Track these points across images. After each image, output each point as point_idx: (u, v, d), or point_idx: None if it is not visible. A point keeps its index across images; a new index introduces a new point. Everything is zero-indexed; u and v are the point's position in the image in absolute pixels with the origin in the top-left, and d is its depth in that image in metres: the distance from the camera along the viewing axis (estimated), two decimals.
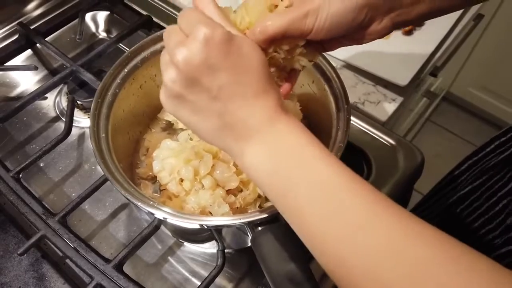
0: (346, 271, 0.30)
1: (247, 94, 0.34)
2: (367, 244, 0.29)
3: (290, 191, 0.33)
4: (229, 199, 0.52)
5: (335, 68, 0.54)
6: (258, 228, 0.42)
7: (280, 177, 0.33)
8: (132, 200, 0.44)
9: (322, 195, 0.32)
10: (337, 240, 0.30)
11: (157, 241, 0.62)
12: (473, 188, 0.58)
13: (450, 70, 1.60)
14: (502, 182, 0.52)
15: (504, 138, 0.58)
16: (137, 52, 0.55)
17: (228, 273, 0.59)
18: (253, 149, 0.34)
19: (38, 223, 0.56)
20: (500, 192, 0.52)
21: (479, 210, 0.55)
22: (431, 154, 0.81)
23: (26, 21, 0.83)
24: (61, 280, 0.57)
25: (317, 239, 0.32)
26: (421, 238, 0.28)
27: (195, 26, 0.32)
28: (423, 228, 0.29)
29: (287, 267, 0.39)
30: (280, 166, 0.33)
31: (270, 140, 0.34)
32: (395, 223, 0.29)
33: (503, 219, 0.51)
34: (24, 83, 0.80)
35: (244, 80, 0.34)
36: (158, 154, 0.55)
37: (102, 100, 0.52)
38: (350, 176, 0.32)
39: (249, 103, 0.34)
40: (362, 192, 0.31)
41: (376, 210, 0.30)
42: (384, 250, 0.28)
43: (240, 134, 0.35)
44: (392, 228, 0.29)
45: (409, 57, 0.73)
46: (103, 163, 0.47)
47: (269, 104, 0.35)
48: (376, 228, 0.29)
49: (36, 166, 0.68)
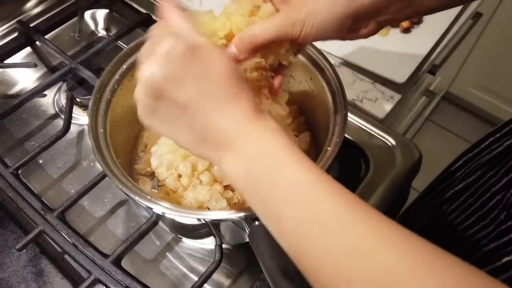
0: (318, 273, 0.30)
1: (215, 102, 0.34)
2: (335, 246, 0.29)
3: (266, 195, 0.33)
4: (226, 195, 0.52)
5: (333, 65, 0.54)
6: (255, 222, 0.42)
7: (255, 183, 0.33)
8: (130, 194, 0.45)
9: (295, 198, 0.31)
10: (310, 245, 0.30)
11: (155, 237, 0.62)
12: (467, 184, 0.58)
13: (450, 69, 1.60)
14: (496, 178, 0.52)
15: (499, 134, 0.58)
16: (136, 49, 0.56)
17: (226, 269, 0.59)
18: (228, 157, 0.34)
19: (36, 219, 0.56)
20: (494, 187, 0.52)
21: (473, 206, 0.55)
22: (430, 153, 0.81)
23: (25, 19, 0.83)
24: (60, 275, 0.57)
25: (293, 244, 0.32)
26: (390, 242, 0.28)
27: (158, 41, 0.33)
28: (394, 232, 0.29)
29: (283, 261, 0.39)
30: (254, 173, 0.33)
31: (243, 147, 0.34)
32: (365, 226, 0.29)
33: (497, 214, 0.51)
34: (23, 80, 0.80)
35: (210, 89, 0.34)
36: (156, 149, 0.55)
37: (100, 96, 0.52)
38: (323, 179, 0.32)
39: (219, 111, 0.34)
40: (336, 194, 0.31)
41: (348, 213, 0.30)
42: (352, 252, 0.28)
43: (215, 143, 0.35)
44: (362, 232, 0.29)
45: (407, 55, 0.74)
46: (101, 158, 0.47)
47: (240, 109, 0.34)
48: (345, 230, 0.29)
49: (35, 162, 0.68)
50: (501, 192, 0.51)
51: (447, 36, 0.78)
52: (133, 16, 0.84)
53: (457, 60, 1.58)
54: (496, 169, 0.53)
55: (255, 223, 0.42)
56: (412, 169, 0.63)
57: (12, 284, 0.56)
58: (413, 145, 0.64)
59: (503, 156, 0.54)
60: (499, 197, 0.51)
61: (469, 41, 1.49)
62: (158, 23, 0.38)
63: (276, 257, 0.40)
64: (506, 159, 0.52)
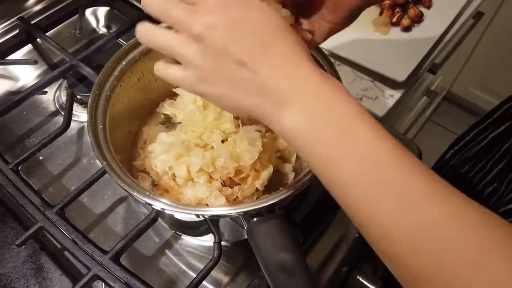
0: (390, 244, 0.30)
1: (279, 56, 0.32)
2: (410, 220, 0.28)
3: (335, 161, 0.31)
4: (225, 192, 0.52)
5: (331, 61, 0.54)
6: (254, 219, 0.42)
7: (324, 147, 0.31)
8: (128, 190, 0.45)
9: (369, 167, 0.30)
10: (381, 215, 0.30)
11: (154, 234, 0.62)
12: (458, 177, 0.58)
13: (451, 69, 1.60)
14: (485, 170, 0.52)
15: (482, 126, 0.58)
16: (136, 45, 0.56)
17: (225, 266, 0.59)
18: (294, 116, 0.32)
19: (36, 215, 0.56)
20: (484, 180, 0.52)
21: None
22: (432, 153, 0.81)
23: (26, 16, 0.83)
24: (59, 271, 0.57)
25: (361, 212, 0.31)
26: (466, 219, 0.28)
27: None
28: (468, 209, 0.28)
29: (280, 257, 0.39)
30: (325, 136, 0.31)
31: (313, 106, 0.31)
32: (441, 202, 0.29)
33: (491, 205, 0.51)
34: (24, 77, 0.81)
35: (269, 40, 0.31)
36: (152, 149, 0.56)
37: (100, 92, 0.52)
38: (399, 150, 0.31)
39: (281, 64, 0.31)
40: (411, 167, 0.30)
41: (423, 187, 0.29)
42: (427, 228, 0.28)
43: (278, 99, 0.32)
44: (437, 208, 0.28)
45: (407, 53, 0.74)
46: (100, 154, 0.47)
47: (304, 65, 0.32)
48: (420, 205, 0.29)
49: (35, 159, 0.68)
50: (492, 184, 0.51)
51: (448, 35, 0.78)
52: (133, 13, 0.84)
53: (458, 60, 1.57)
54: (483, 162, 0.53)
55: (253, 219, 0.43)
56: None
57: (12, 279, 0.56)
58: (412, 143, 0.64)
59: (489, 148, 0.54)
60: (490, 188, 0.51)
61: (470, 41, 1.49)
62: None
63: (274, 254, 0.40)
64: (493, 151, 0.52)
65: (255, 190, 0.54)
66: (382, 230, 0.30)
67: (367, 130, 0.31)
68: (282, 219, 0.42)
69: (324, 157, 0.32)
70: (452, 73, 1.67)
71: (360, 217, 0.31)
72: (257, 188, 0.54)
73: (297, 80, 0.32)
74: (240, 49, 0.31)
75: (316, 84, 0.32)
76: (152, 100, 0.62)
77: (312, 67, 0.32)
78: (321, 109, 0.32)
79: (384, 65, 0.72)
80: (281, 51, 0.32)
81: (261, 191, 0.55)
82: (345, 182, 0.31)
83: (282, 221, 0.42)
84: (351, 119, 0.31)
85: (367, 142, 0.31)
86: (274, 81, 0.32)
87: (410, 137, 1.52)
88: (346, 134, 0.31)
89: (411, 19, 0.78)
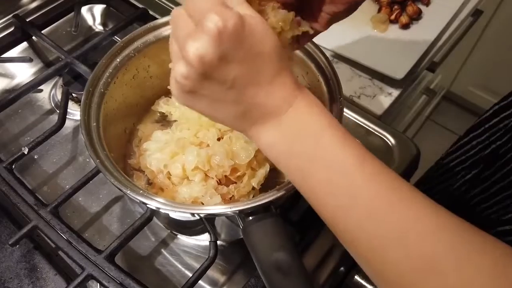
0: (360, 251, 0.31)
1: (263, 79, 0.33)
2: (376, 230, 0.30)
3: (309, 174, 0.33)
4: (221, 190, 0.52)
5: (329, 59, 0.53)
6: (249, 217, 0.42)
7: (299, 161, 0.34)
8: (122, 188, 0.44)
9: (338, 178, 0.32)
10: (350, 224, 0.31)
11: (150, 234, 0.62)
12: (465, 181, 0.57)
13: (450, 68, 1.59)
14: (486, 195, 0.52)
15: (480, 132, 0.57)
16: (130, 42, 0.55)
17: (221, 265, 0.58)
18: (269, 131, 0.34)
19: (30, 214, 0.56)
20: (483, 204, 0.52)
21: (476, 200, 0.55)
22: (431, 153, 0.80)
23: (22, 14, 0.82)
24: (53, 271, 0.56)
25: (334, 220, 0.33)
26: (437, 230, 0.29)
27: (205, 14, 0.30)
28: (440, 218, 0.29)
29: (276, 256, 0.38)
30: (297, 148, 0.33)
31: (287, 122, 0.34)
32: (409, 211, 0.30)
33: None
34: (19, 75, 0.80)
35: (259, 67, 0.33)
36: (147, 147, 0.55)
37: (93, 89, 0.52)
38: (369, 160, 0.32)
39: (265, 87, 0.33)
40: (379, 177, 0.31)
41: (390, 196, 0.30)
42: (393, 238, 0.29)
43: (257, 118, 0.34)
44: (405, 217, 0.29)
45: (405, 51, 0.73)
46: (93, 152, 0.46)
47: (285, 85, 0.34)
48: (388, 215, 0.30)
49: (30, 158, 0.68)
50: (492, 207, 0.51)
51: (446, 32, 0.78)
52: (130, 11, 0.84)
53: (457, 58, 1.57)
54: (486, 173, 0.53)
55: (249, 218, 0.42)
56: (410, 166, 0.62)
57: (5, 279, 0.56)
58: (411, 141, 0.64)
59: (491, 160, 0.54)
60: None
61: (470, 40, 1.48)
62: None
63: (270, 253, 0.39)
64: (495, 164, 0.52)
65: (251, 188, 0.53)
66: (351, 236, 0.32)
67: (336, 142, 0.33)
68: (278, 218, 0.42)
69: (299, 171, 0.34)
70: (451, 72, 1.66)
71: (333, 224, 0.33)
72: (254, 186, 0.53)
73: (272, 97, 0.33)
74: (226, 77, 0.32)
75: (290, 100, 0.34)
76: (147, 97, 0.61)
77: (286, 81, 0.34)
78: (295, 124, 0.34)
79: (383, 63, 0.71)
80: (269, 75, 0.33)
81: (257, 189, 0.54)
82: (319, 193, 0.33)
83: (278, 220, 0.42)
84: (322, 133, 0.33)
85: (336, 153, 0.33)
86: (256, 103, 0.33)
87: (409, 136, 1.52)
88: (318, 148, 0.33)
89: (409, 16, 0.77)
